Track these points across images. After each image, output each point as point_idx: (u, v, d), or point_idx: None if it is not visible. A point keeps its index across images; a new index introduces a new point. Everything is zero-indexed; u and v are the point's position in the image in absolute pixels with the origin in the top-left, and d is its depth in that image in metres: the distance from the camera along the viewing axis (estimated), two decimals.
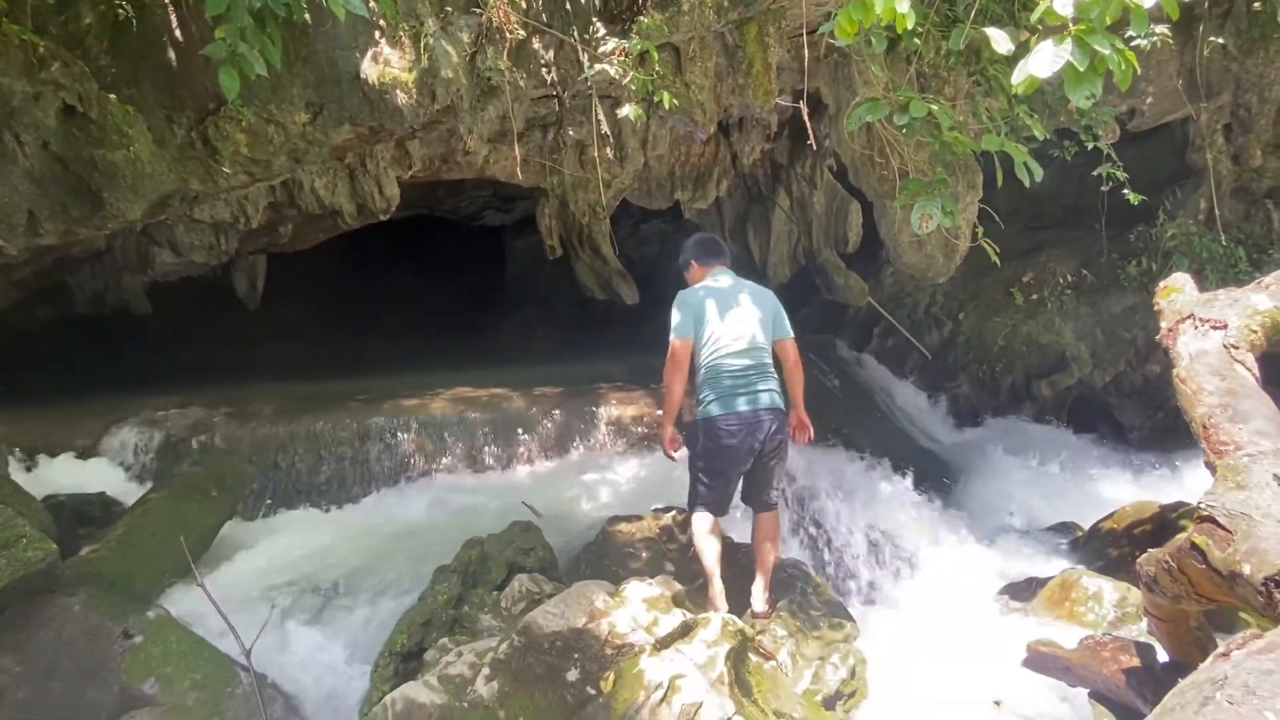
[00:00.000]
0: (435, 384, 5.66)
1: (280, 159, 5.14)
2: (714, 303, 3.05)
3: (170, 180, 4.85)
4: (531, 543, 2.87)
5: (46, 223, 4.76)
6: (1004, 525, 4.80)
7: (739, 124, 6.84)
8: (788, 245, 7.78)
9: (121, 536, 3.13)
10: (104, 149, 4.57)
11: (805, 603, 2.90)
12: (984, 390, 7.50)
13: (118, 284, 7.67)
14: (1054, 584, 3.55)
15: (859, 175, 6.03)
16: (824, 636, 2.70)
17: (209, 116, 4.81)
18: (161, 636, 2.37)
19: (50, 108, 4.41)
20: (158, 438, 4.63)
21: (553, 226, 6.62)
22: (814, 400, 6.53)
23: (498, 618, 2.35)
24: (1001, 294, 7.72)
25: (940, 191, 4.06)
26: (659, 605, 2.08)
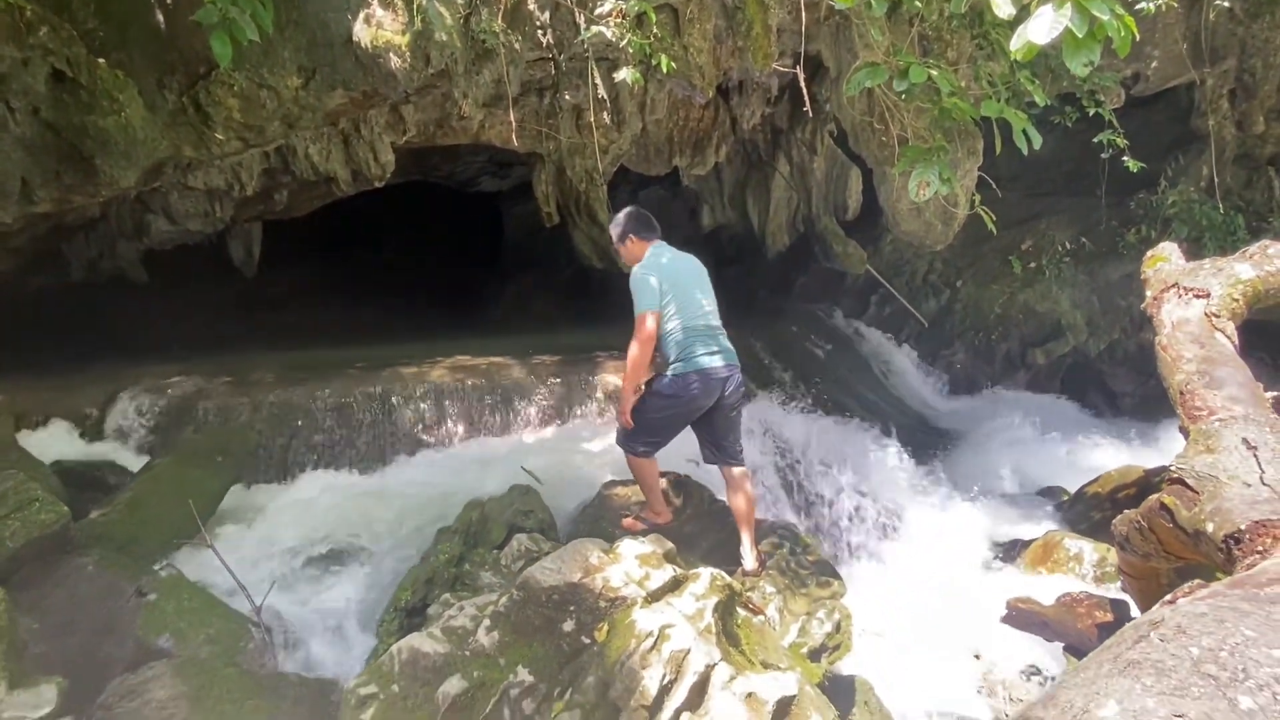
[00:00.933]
0: (434, 353, 5.73)
1: (273, 124, 5.12)
2: (673, 273, 3.26)
3: (163, 146, 4.84)
4: (531, 505, 2.98)
5: (40, 190, 4.76)
6: (994, 489, 4.93)
7: (739, 88, 6.79)
8: (787, 212, 7.78)
9: (130, 500, 3.23)
10: (95, 115, 4.55)
11: (795, 562, 3.02)
12: (980, 358, 7.59)
13: (113, 252, 7.66)
14: (1037, 545, 3.68)
15: (859, 141, 6.02)
16: (811, 594, 2.82)
17: (200, 81, 4.78)
18: (175, 594, 2.49)
19: (40, 73, 4.38)
20: (160, 405, 4.70)
21: (549, 193, 6.61)
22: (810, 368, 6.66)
23: (498, 574, 2.46)
24: (999, 262, 7.76)
25: (938, 158, 4.08)
26: (651, 561, 2.18)
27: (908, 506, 4.36)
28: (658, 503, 3.27)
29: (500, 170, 8.92)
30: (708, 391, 3.12)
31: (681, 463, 3.98)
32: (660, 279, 3.17)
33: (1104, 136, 4.88)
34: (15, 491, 2.43)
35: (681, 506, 3.39)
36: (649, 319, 3.04)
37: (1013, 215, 7.91)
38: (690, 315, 3.23)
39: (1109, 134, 4.87)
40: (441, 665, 1.89)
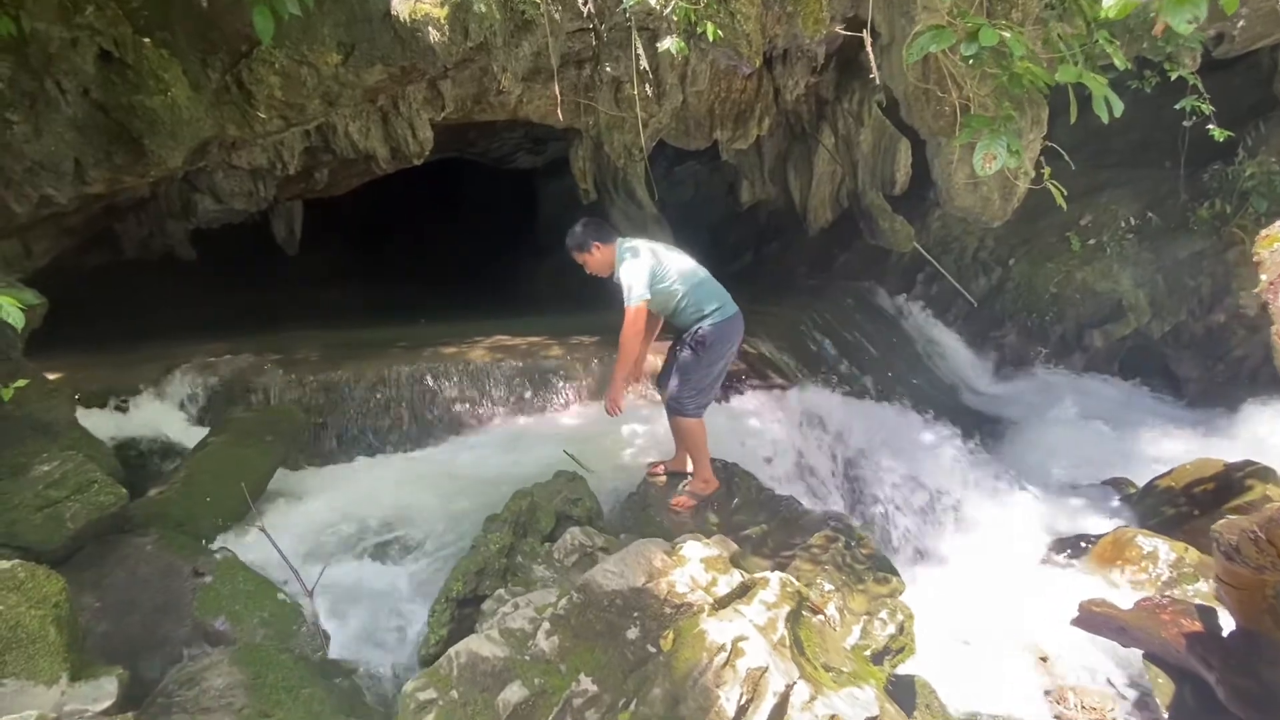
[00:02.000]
0: (472, 332, 5.69)
1: (314, 102, 5.08)
2: (658, 252, 3.32)
3: (208, 126, 4.84)
4: (578, 493, 2.91)
5: (93, 170, 4.80)
6: (1051, 479, 4.72)
7: (783, 57, 6.51)
8: (830, 187, 7.51)
9: (185, 479, 3.25)
10: (142, 95, 4.56)
11: (850, 556, 2.90)
12: (1032, 340, 7.28)
13: (163, 231, 7.82)
14: (1106, 541, 3.49)
15: (911, 111, 5.73)
16: (870, 591, 2.71)
17: (242, 59, 4.75)
18: (230, 576, 2.49)
19: (88, 53, 4.39)
20: (211, 383, 4.76)
21: (586, 169, 6.47)
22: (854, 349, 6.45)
23: (550, 569, 2.40)
24: (1056, 238, 7.40)
25: (1006, 129, 3.82)
26: (717, 566, 2.08)
27: (963, 497, 4.19)
28: (707, 469, 3.29)
29: (536, 146, 8.80)
30: (739, 333, 3.34)
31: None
32: (644, 264, 3.18)
33: (1187, 103, 4.53)
34: (75, 473, 2.44)
35: (728, 494, 3.29)
36: (636, 308, 3.08)
37: (1072, 189, 7.42)
38: (695, 276, 3.33)
39: (1192, 100, 4.52)
40: (501, 670, 1.83)
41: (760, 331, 5.57)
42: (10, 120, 4.44)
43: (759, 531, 3.03)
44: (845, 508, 3.91)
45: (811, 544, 2.90)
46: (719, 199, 8.78)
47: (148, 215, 7.47)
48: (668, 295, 3.23)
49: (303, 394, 4.61)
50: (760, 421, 4.16)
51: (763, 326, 5.69)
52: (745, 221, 8.61)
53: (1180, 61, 4.94)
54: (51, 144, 4.56)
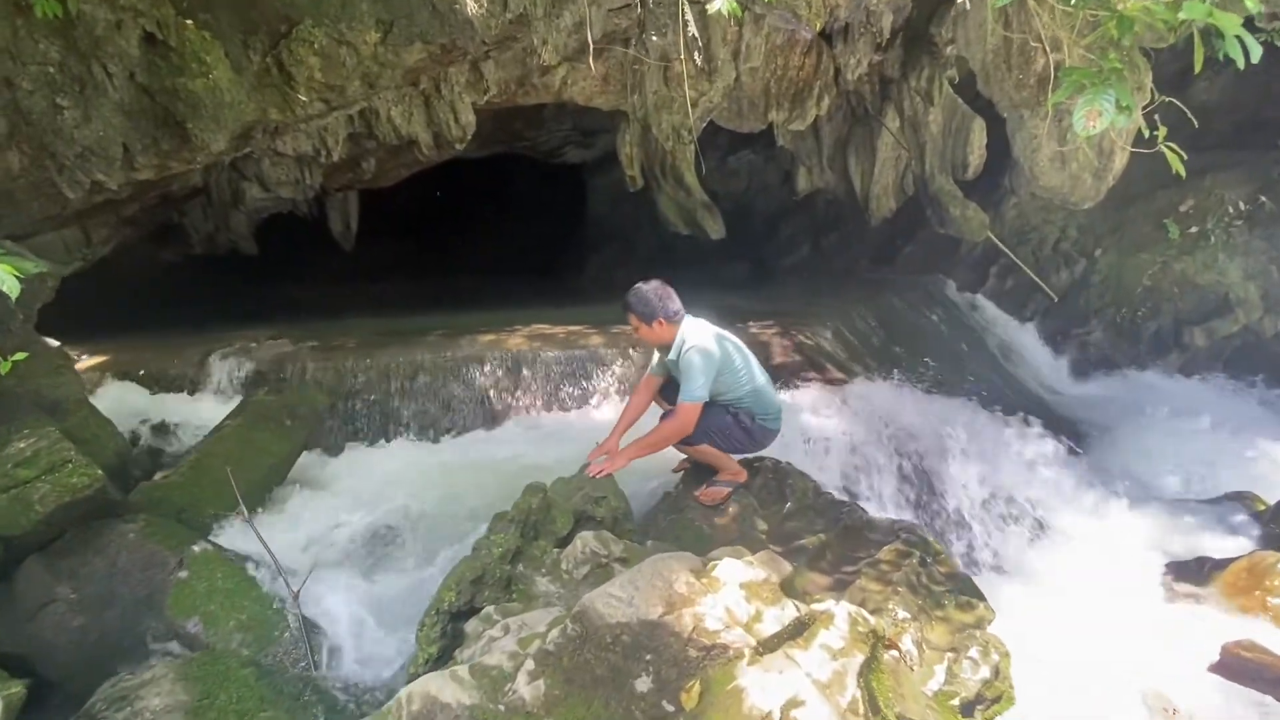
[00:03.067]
0: (514, 321, 5.37)
1: (354, 83, 4.85)
2: (727, 348, 2.97)
3: (250, 109, 4.67)
4: (603, 490, 2.46)
5: (140, 156, 4.70)
6: (1156, 490, 4.01)
7: (844, 32, 5.94)
8: (894, 173, 6.85)
9: (194, 463, 2.99)
10: (185, 78, 4.43)
11: (926, 575, 2.36)
12: (1121, 338, 6.45)
13: (226, 226, 7.90)
14: (1239, 568, 2.83)
15: (989, 82, 5.07)
16: (951, 619, 2.17)
17: (281, 40, 4.56)
18: (208, 572, 2.16)
19: (132, 36, 4.28)
20: (249, 367, 4.60)
21: (633, 155, 6.05)
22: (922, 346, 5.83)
23: (556, 581, 1.95)
24: (1150, 226, 6.54)
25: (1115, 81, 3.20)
26: (762, 593, 1.56)
27: (1052, 506, 3.55)
28: (732, 462, 2.98)
29: (585, 139, 8.45)
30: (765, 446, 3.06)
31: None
32: (714, 364, 2.84)
33: None
34: (48, 452, 2.17)
35: (779, 497, 2.80)
36: (692, 408, 2.76)
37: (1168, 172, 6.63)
38: (759, 380, 3.02)
39: None
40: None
41: (817, 323, 5.04)
42: (61, 105, 4.36)
43: (816, 542, 2.52)
44: (913, 515, 3.34)
45: (879, 559, 2.37)
46: (774, 189, 8.22)
47: (213, 210, 7.54)
48: (724, 386, 2.88)
49: (336, 379, 4.38)
50: (816, 417, 3.63)
51: (820, 319, 5.16)
52: (802, 212, 8.02)
53: None
54: (100, 129, 4.46)
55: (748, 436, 2.93)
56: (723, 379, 2.87)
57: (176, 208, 7.27)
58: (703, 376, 2.74)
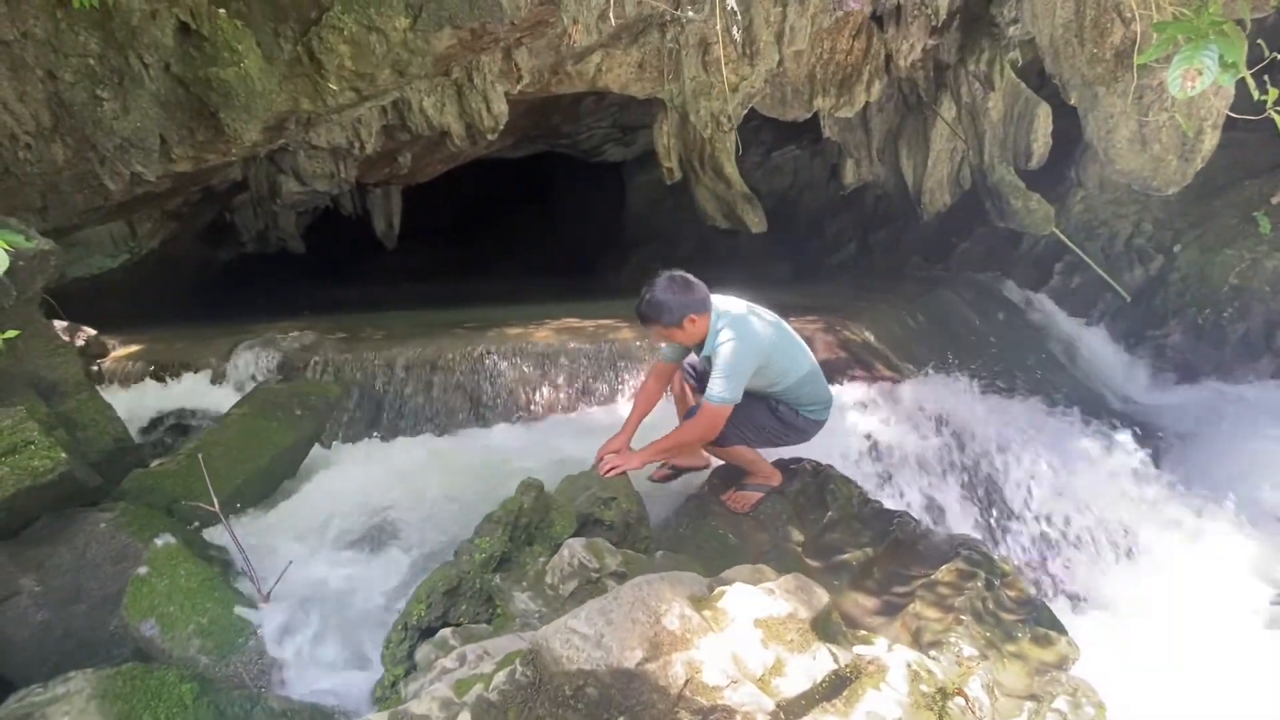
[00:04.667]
0: (543, 315, 5.11)
1: (384, 71, 4.69)
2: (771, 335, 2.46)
3: (281, 99, 4.57)
4: (614, 490, 2.10)
5: (177, 148, 4.65)
6: (1257, 509, 3.42)
7: (895, 14, 5.49)
8: (949, 166, 6.33)
9: (192, 451, 2.79)
10: (217, 67, 4.35)
11: (993, 601, 1.94)
12: (1203, 341, 5.75)
13: (275, 224, 7.98)
14: None
15: (1059, 59, 4.55)
16: (1027, 657, 1.75)
17: (312, 27, 4.43)
18: (170, 569, 1.91)
19: (167, 25, 4.22)
20: (275, 357, 4.46)
21: (670, 145, 5.72)
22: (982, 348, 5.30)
23: (538, 598, 1.60)
24: (1237, 219, 5.83)
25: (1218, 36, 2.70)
26: (786, 634, 1.12)
27: (1135, 524, 3.04)
28: (765, 464, 2.57)
29: (624, 136, 8.19)
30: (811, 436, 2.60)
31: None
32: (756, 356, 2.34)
33: None
34: (10, 433, 1.97)
35: (819, 504, 2.40)
36: (720, 410, 2.28)
37: (1258, 161, 5.93)
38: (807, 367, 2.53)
39: None
40: None
41: (865, 319, 4.60)
42: (101, 97, 4.32)
43: (860, 557, 2.12)
44: (973, 529, 2.89)
45: (937, 580, 1.96)
46: (820, 185, 7.77)
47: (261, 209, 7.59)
48: (771, 376, 2.42)
49: (359, 370, 4.20)
50: (865, 417, 3.21)
51: (867, 315, 4.71)
52: (849, 208, 7.55)
53: None
54: (138, 120, 4.42)
55: (790, 430, 2.47)
56: (771, 369, 2.38)
57: (223, 204, 7.32)
58: (740, 375, 2.26)
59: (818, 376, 2.55)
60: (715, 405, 2.26)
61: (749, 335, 2.31)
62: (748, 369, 2.29)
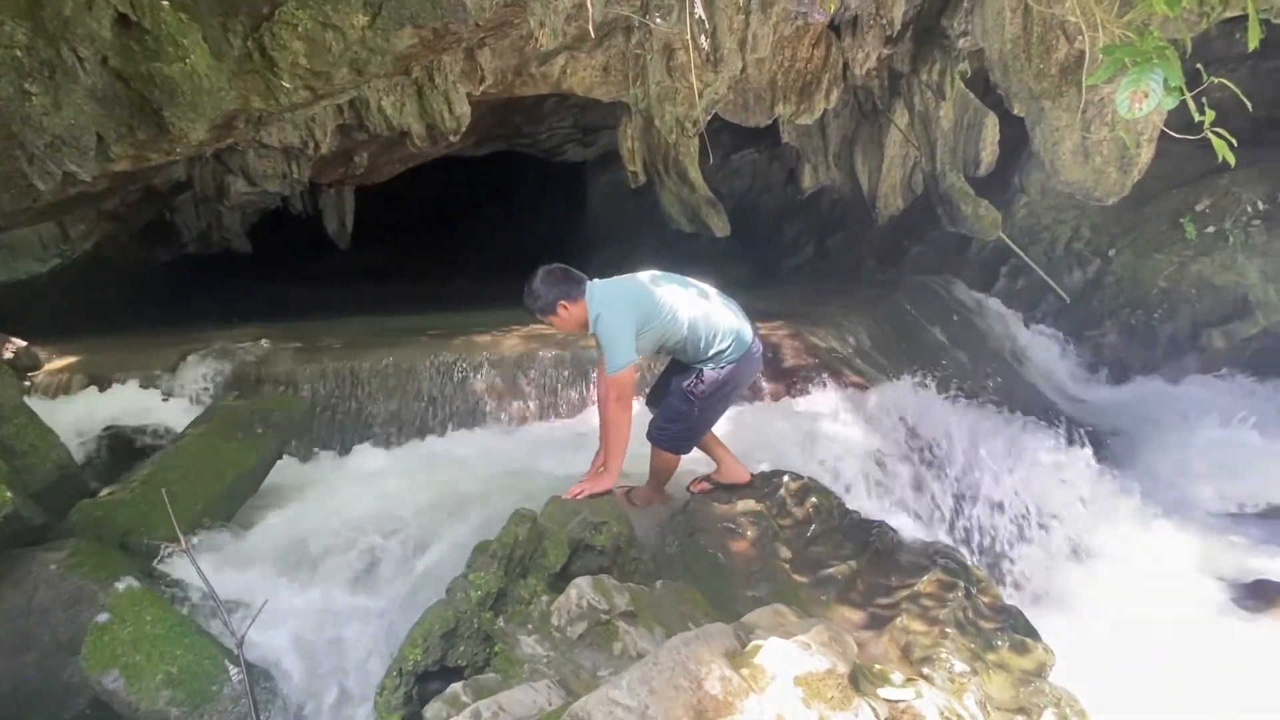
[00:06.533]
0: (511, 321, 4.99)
1: (341, 70, 4.46)
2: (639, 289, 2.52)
3: (230, 97, 4.30)
4: (603, 514, 2.05)
5: (115, 146, 4.34)
6: (1198, 505, 3.63)
7: (852, 24, 5.57)
8: (902, 172, 6.49)
9: (146, 477, 2.60)
10: (160, 62, 4.06)
11: (973, 610, 1.99)
12: (1136, 340, 6.07)
13: (219, 224, 7.56)
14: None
15: (1008, 73, 4.70)
16: (1009, 666, 1.80)
17: (264, 23, 4.19)
18: (134, 614, 1.77)
19: (104, 17, 3.92)
20: (227, 369, 4.20)
21: (635, 149, 5.67)
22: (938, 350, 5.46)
23: (545, 641, 1.55)
24: (1167, 226, 6.17)
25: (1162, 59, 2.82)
26: (826, 691, 1.12)
27: (1088, 522, 3.18)
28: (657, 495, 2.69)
29: (586, 137, 8.09)
30: (752, 373, 2.66)
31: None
32: (631, 312, 2.42)
33: None
34: None
35: (803, 520, 2.42)
36: (621, 377, 2.37)
37: (1185, 170, 6.28)
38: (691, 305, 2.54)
39: None
40: None
41: (829, 324, 4.67)
42: (29, 91, 3.99)
43: (845, 571, 2.14)
44: (942, 533, 2.96)
45: (920, 591, 2.00)
46: (778, 188, 7.86)
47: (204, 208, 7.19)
48: (661, 335, 2.48)
49: (320, 382, 4.00)
50: (835, 426, 3.26)
51: (831, 320, 4.79)
52: (806, 212, 7.65)
53: None
54: (72, 116, 4.10)
55: (714, 396, 2.49)
56: (657, 323, 2.44)
57: (164, 204, 6.90)
58: (619, 339, 2.35)
59: (720, 312, 2.56)
60: (610, 375, 2.37)
61: (614, 302, 2.43)
62: (625, 332, 2.38)
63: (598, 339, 2.45)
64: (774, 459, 2.90)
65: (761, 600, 1.88)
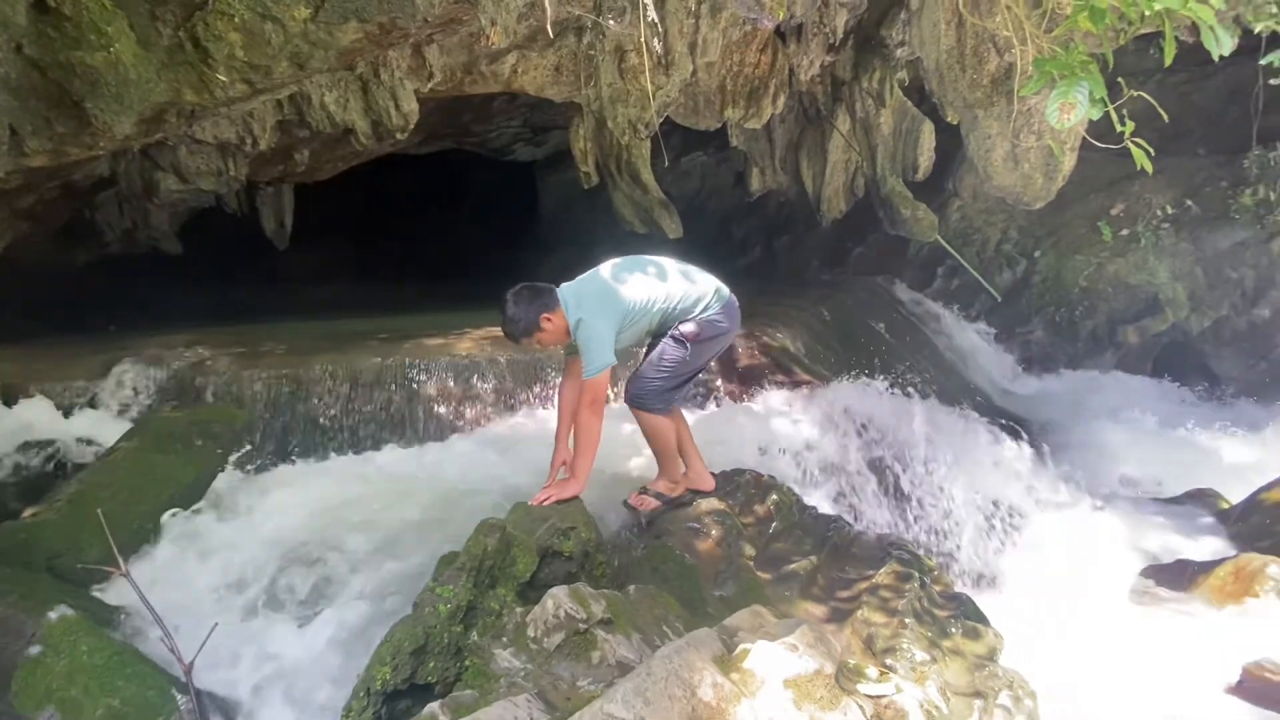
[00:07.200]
0: (464, 324, 4.87)
1: (281, 64, 4.25)
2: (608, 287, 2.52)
3: (160, 89, 4.03)
4: (571, 520, 2.02)
5: (31, 140, 4.02)
6: (1119, 491, 3.88)
7: (797, 32, 5.70)
8: (845, 176, 6.68)
9: (73, 496, 2.42)
10: (82, 51, 3.77)
11: (928, 599, 2.07)
12: (1061, 336, 6.45)
13: (146, 222, 7.08)
14: (1224, 572, 2.66)
15: (943, 83, 4.89)
16: (963, 652, 1.88)
17: (197, 12, 3.94)
18: (69, 646, 1.64)
19: (18, 1, 3.63)
20: (159, 378, 3.94)
21: (587, 150, 5.64)
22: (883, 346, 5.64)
23: (521, 654, 1.52)
24: (1086, 229, 6.57)
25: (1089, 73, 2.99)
26: (815, 692, 1.16)
27: (1026, 510, 3.35)
28: (675, 470, 2.64)
29: (536, 136, 7.99)
30: (736, 321, 2.72)
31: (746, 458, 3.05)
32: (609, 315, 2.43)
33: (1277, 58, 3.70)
34: None
35: (764, 517, 2.46)
36: (597, 382, 2.38)
37: (1101, 176, 6.69)
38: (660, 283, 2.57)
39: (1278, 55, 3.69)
40: None
41: (780, 325, 4.76)
42: None
43: (807, 566, 2.19)
44: (894, 525, 3.07)
45: (878, 583, 2.06)
46: (726, 191, 7.96)
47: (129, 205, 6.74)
48: (643, 327, 2.52)
49: (262, 389, 3.80)
50: (790, 424, 3.32)
51: (782, 320, 4.88)
52: (754, 214, 7.79)
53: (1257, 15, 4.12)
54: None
55: (701, 346, 2.52)
56: (637, 314, 2.47)
57: (85, 201, 6.44)
58: (600, 344, 2.35)
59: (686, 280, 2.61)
60: (590, 379, 2.37)
61: (593, 305, 2.42)
62: (606, 335, 2.39)
63: (578, 342, 2.43)
64: (733, 458, 2.94)
65: (729, 600, 1.90)
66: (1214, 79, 6.67)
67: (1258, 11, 4.11)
